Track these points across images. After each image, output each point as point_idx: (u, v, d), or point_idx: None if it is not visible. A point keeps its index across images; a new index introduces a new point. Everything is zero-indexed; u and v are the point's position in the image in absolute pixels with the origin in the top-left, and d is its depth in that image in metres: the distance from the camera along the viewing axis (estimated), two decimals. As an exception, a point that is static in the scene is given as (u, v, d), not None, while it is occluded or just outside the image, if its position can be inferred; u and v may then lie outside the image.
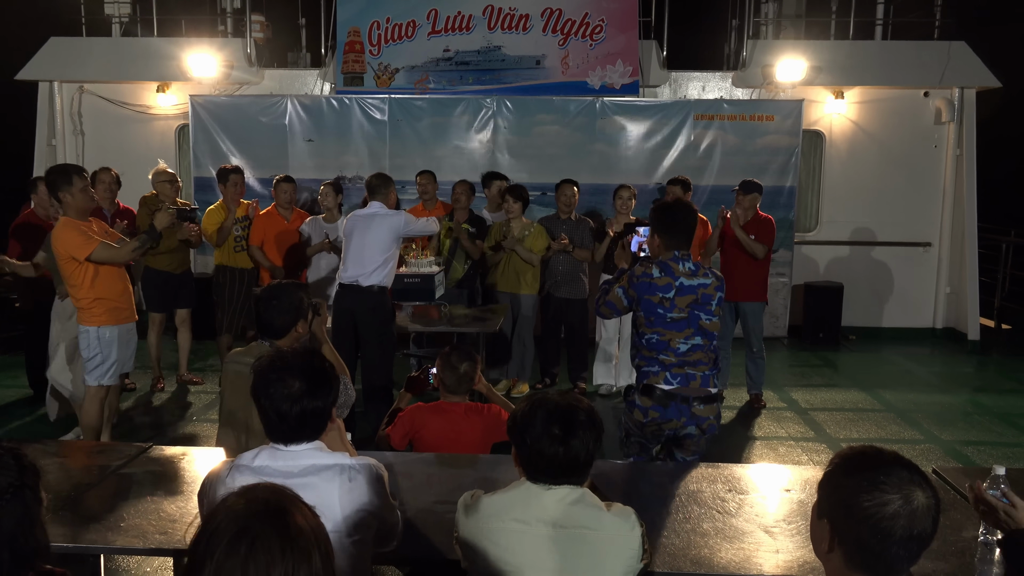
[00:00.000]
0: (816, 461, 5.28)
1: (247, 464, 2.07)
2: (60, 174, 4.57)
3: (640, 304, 3.43)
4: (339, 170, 8.56)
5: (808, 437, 5.78)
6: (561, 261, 6.56)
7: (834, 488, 1.50)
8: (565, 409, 2.05)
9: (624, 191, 6.51)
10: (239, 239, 6.54)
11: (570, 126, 8.50)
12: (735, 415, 6.24)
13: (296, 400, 2.03)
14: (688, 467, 3.15)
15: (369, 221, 5.22)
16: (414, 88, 8.73)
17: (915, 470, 1.48)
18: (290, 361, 2.09)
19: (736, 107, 8.58)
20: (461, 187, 6.73)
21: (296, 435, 2.07)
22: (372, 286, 5.16)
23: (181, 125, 9.03)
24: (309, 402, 2.05)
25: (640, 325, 3.45)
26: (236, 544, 1.27)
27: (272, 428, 2.09)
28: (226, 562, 1.27)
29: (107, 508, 2.68)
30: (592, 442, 2.04)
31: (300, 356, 2.12)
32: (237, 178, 6.58)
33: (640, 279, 3.43)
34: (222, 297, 6.56)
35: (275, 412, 2.05)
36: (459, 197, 6.68)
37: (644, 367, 3.45)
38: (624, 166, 8.47)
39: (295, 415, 2.04)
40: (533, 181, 7.93)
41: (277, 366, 2.08)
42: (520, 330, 6.52)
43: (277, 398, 2.04)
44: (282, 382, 2.04)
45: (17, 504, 1.70)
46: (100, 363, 4.71)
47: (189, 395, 6.61)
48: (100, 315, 4.67)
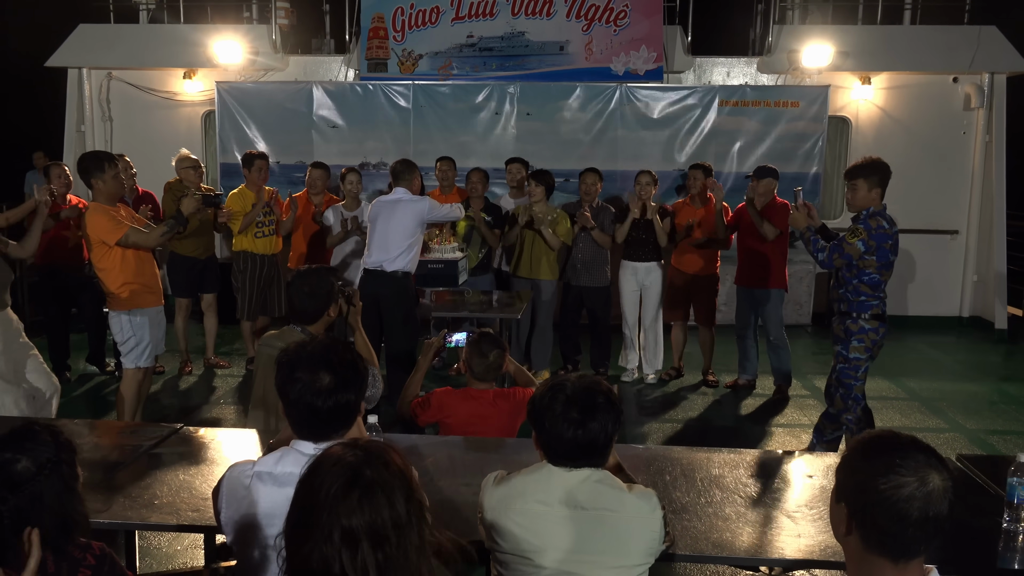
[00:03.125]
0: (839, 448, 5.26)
1: (269, 471, 2.00)
2: (93, 160, 4.65)
3: (877, 252, 4.21)
4: (363, 156, 8.60)
5: (831, 425, 5.76)
6: (582, 249, 6.56)
7: (851, 471, 1.52)
8: (584, 391, 2.05)
9: (643, 176, 6.49)
10: (260, 225, 6.58)
11: (593, 112, 8.47)
12: (759, 403, 6.24)
13: (329, 394, 1.96)
14: (710, 452, 3.17)
15: (394, 207, 5.25)
16: (438, 74, 8.74)
17: (932, 453, 1.50)
18: (319, 353, 2.01)
19: (761, 93, 8.51)
20: (476, 175, 6.68)
21: (325, 431, 2.00)
22: (396, 271, 5.20)
23: (207, 111, 9.11)
24: (342, 395, 1.98)
25: (867, 267, 4.25)
26: (350, 489, 1.40)
27: (301, 423, 2.01)
28: (340, 506, 1.39)
29: (141, 486, 2.74)
30: (611, 424, 2.05)
31: (328, 348, 2.04)
32: (262, 164, 6.62)
33: (877, 231, 4.21)
34: (243, 283, 6.59)
35: (306, 407, 1.97)
36: (475, 185, 6.64)
37: (868, 301, 4.30)
38: (647, 152, 8.44)
39: (327, 410, 1.97)
40: (556, 167, 7.88)
41: (305, 359, 2.00)
42: (539, 317, 6.51)
43: (308, 393, 1.96)
44: (313, 375, 1.97)
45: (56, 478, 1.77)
46: (135, 346, 4.80)
47: (216, 378, 6.70)
48: (130, 299, 4.74)
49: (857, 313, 4.31)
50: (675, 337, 6.80)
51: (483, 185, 6.66)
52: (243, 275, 6.59)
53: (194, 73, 9.07)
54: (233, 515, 2.03)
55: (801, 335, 8.39)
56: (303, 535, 1.41)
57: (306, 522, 1.41)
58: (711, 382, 6.63)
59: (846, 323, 4.35)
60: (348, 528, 1.38)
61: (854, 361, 4.35)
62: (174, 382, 6.60)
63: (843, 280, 4.35)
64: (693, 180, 6.53)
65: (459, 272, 5.91)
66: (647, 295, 6.60)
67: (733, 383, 6.56)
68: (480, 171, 6.75)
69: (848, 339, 4.33)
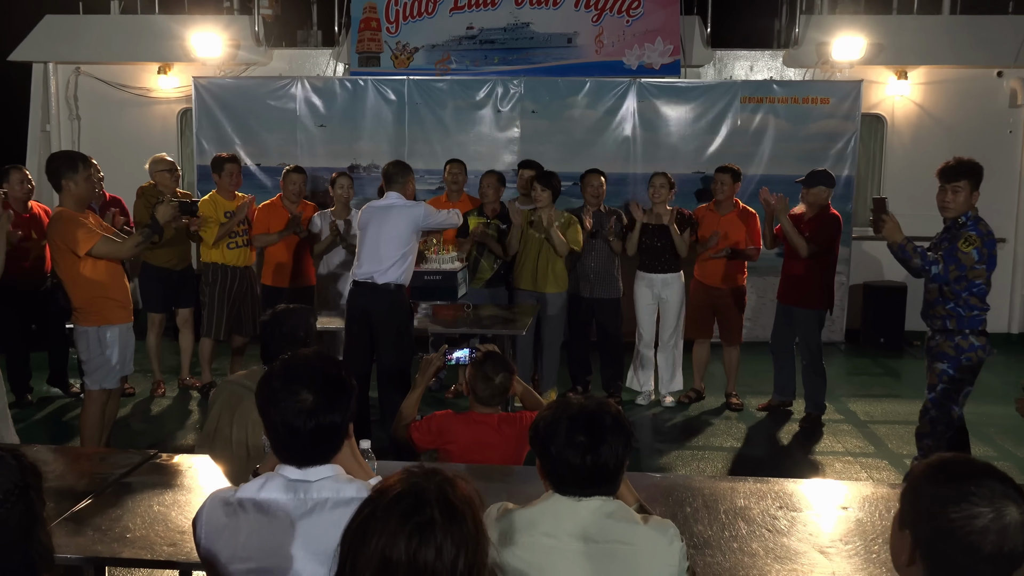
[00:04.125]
0: (876, 478, 5.26)
1: (252, 497, 2.00)
2: (65, 160, 4.67)
3: (988, 259, 4.33)
4: (353, 158, 8.62)
5: (867, 452, 5.76)
6: (593, 258, 6.57)
7: (919, 497, 1.52)
8: (590, 414, 2.06)
9: (658, 178, 6.50)
10: (233, 235, 6.57)
11: (604, 110, 8.49)
12: (789, 429, 6.24)
13: (310, 415, 1.96)
14: (735, 481, 3.16)
15: (386, 213, 5.25)
16: (435, 69, 8.77)
17: (1009, 483, 1.49)
18: (301, 369, 2.02)
19: (788, 89, 8.53)
20: (488, 179, 6.65)
21: (310, 455, 2.00)
22: (389, 284, 5.18)
23: (183, 109, 9.15)
24: (325, 416, 1.97)
25: (977, 277, 4.33)
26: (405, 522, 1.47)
27: (283, 447, 2.01)
28: (395, 540, 1.46)
29: (111, 518, 2.74)
30: (621, 448, 2.05)
31: (312, 362, 2.05)
32: (233, 167, 6.61)
33: (987, 236, 4.35)
34: (212, 297, 6.55)
35: (286, 428, 1.97)
36: (486, 191, 6.62)
37: (979, 315, 4.39)
38: (664, 153, 8.45)
39: (308, 432, 1.97)
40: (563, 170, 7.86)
41: (286, 376, 2.01)
42: (546, 332, 6.47)
43: (289, 412, 1.96)
44: (293, 394, 1.97)
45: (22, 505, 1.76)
46: (101, 365, 4.80)
47: (192, 401, 6.70)
48: (98, 314, 4.75)
49: (969, 329, 4.33)
50: (696, 356, 6.79)
51: (495, 191, 6.64)
52: (212, 288, 6.56)
53: (169, 68, 9.12)
54: (213, 546, 2.03)
55: (834, 353, 8.37)
56: (359, 543, 1.50)
57: (362, 529, 1.50)
58: (735, 405, 6.62)
59: (955, 340, 4.35)
60: (388, 557, 1.44)
61: (960, 383, 4.34)
62: (145, 405, 6.60)
63: (952, 294, 4.35)
64: (720, 185, 6.54)
65: (458, 284, 5.89)
66: (665, 309, 6.60)
67: (766, 404, 6.57)
68: (494, 174, 6.74)
69: (958, 357, 4.31)
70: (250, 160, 8.58)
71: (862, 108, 8.51)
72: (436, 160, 8.21)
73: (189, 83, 8.81)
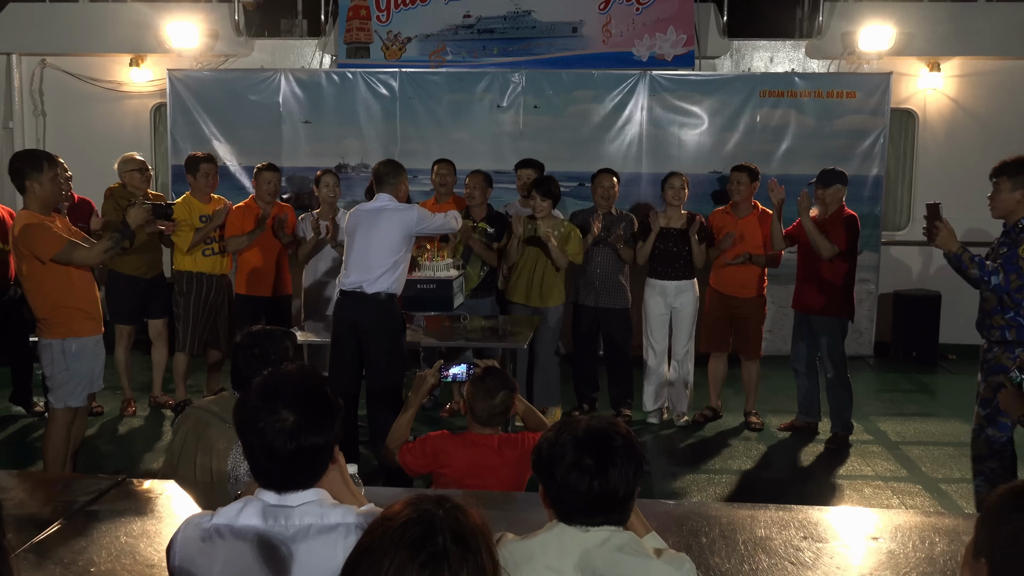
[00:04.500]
0: (909, 505, 5.24)
1: (228, 523, 2.00)
2: (29, 159, 4.67)
3: None
4: (341, 156, 8.63)
5: (899, 476, 5.74)
6: (599, 263, 6.57)
7: (998, 524, 1.54)
8: (598, 435, 2.05)
9: (675, 179, 6.52)
10: (209, 240, 6.57)
11: (613, 105, 8.49)
12: (814, 451, 6.22)
13: (291, 435, 1.96)
14: (755, 509, 3.14)
15: (376, 216, 5.23)
16: (429, 60, 8.77)
17: None
18: (282, 386, 2.02)
19: (811, 82, 8.53)
20: (473, 180, 6.64)
21: (291, 480, 2.00)
22: (379, 293, 5.16)
23: (157, 104, 9.16)
24: (306, 438, 1.97)
25: None
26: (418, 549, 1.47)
27: (261, 471, 2.01)
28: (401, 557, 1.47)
29: (75, 550, 2.72)
30: (632, 473, 2.04)
31: (294, 379, 2.05)
32: (209, 168, 6.60)
33: None
34: (186, 308, 6.55)
35: (264, 451, 1.97)
36: (472, 192, 6.61)
37: None
38: (677, 152, 8.47)
39: (288, 455, 1.96)
40: (568, 170, 7.96)
41: (267, 392, 2.01)
42: (540, 347, 6.41)
43: (268, 433, 1.96)
44: (273, 413, 1.96)
45: None
46: (66, 381, 4.79)
47: (164, 421, 6.68)
48: (63, 325, 4.74)
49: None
50: (712, 371, 6.77)
51: (482, 191, 6.64)
52: (186, 299, 6.55)
53: (142, 60, 9.13)
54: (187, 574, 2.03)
55: (862, 368, 8.36)
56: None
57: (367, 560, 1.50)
58: (754, 425, 6.60)
59: (1016, 352, 4.36)
60: None
61: None
62: (113, 425, 6.57)
63: (1013, 303, 4.38)
64: (736, 185, 6.54)
65: (454, 293, 5.89)
66: (678, 320, 6.59)
67: (789, 424, 6.55)
68: (480, 174, 6.73)
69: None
70: (229, 159, 8.60)
71: (891, 103, 8.51)
72: (430, 159, 8.11)
73: (163, 76, 8.81)
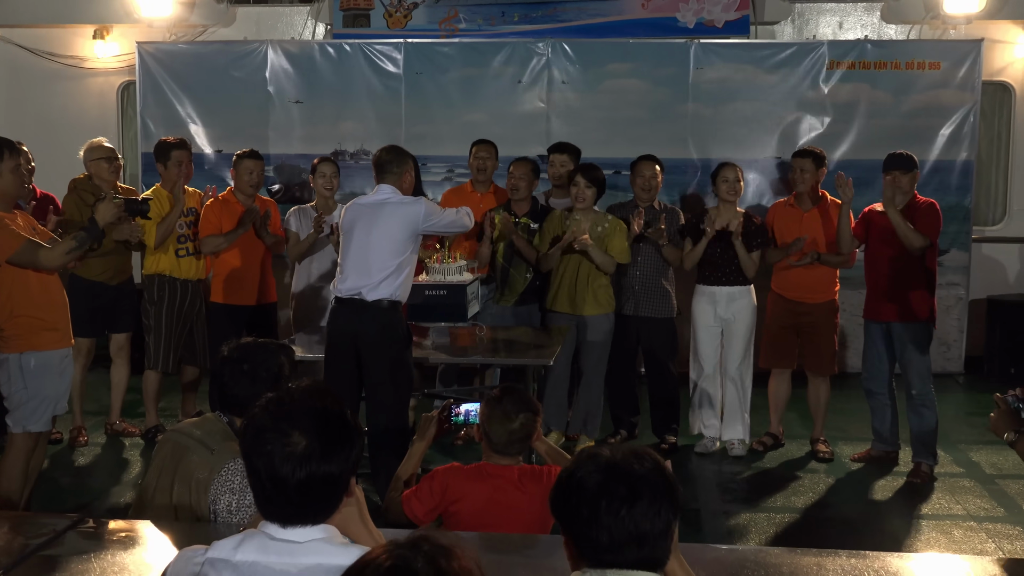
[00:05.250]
0: (1007, 549, 5.16)
1: (225, 558, 2.05)
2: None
3: None
4: (337, 142, 8.66)
5: (995, 516, 5.67)
6: (639, 265, 6.57)
7: None
8: (624, 465, 2.05)
9: (728, 171, 6.49)
10: (184, 239, 6.57)
11: (654, 79, 8.48)
12: (894, 485, 6.17)
13: (301, 462, 2.02)
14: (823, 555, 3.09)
15: (377, 212, 5.22)
16: (438, 29, 8.78)
17: None
18: (295, 406, 2.08)
19: (886, 51, 8.48)
20: (520, 168, 6.67)
21: (298, 513, 2.06)
22: (381, 301, 5.15)
23: (125, 83, 9.22)
24: (319, 465, 2.03)
25: None
26: None
27: (265, 501, 2.07)
28: None
29: (23, 602, 2.71)
30: (665, 506, 2.02)
31: (308, 398, 2.11)
32: (182, 155, 6.63)
33: None
34: (158, 318, 6.57)
35: (270, 478, 2.03)
36: (517, 183, 6.63)
37: None
38: (729, 134, 8.43)
39: (297, 484, 2.02)
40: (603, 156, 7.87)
41: (277, 412, 2.07)
42: (585, 363, 6.48)
43: (275, 458, 2.02)
44: (282, 435, 2.03)
45: None
46: (24, 401, 4.81)
47: (125, 450, 6.67)
48: (21, 337, 4.76)
49: None
50: (774, 391, 6.74)
51: (528, 182, 6.65)
52: (157, 308, 6.57)
53: (108, 32, 9.19)
54: None
55: (950, 387, 8.29)
56: None
57: None
58: (823, 455, 6.56)
59: None
60: None
61: None
62: (67, 456, 6.58)
63: None
64: (799, 172, 6.50)
65: (468, 301, 5.87)
66: (731, 332, 6.57)
67: (864, 454, 6.53)
68: (527, 163, 6.77)
69: None
70: (208, 145, 8.66)
71: (983, 75, 8.45)
72: (440, 144, 8.24)
73: (132, 50, 8.88)
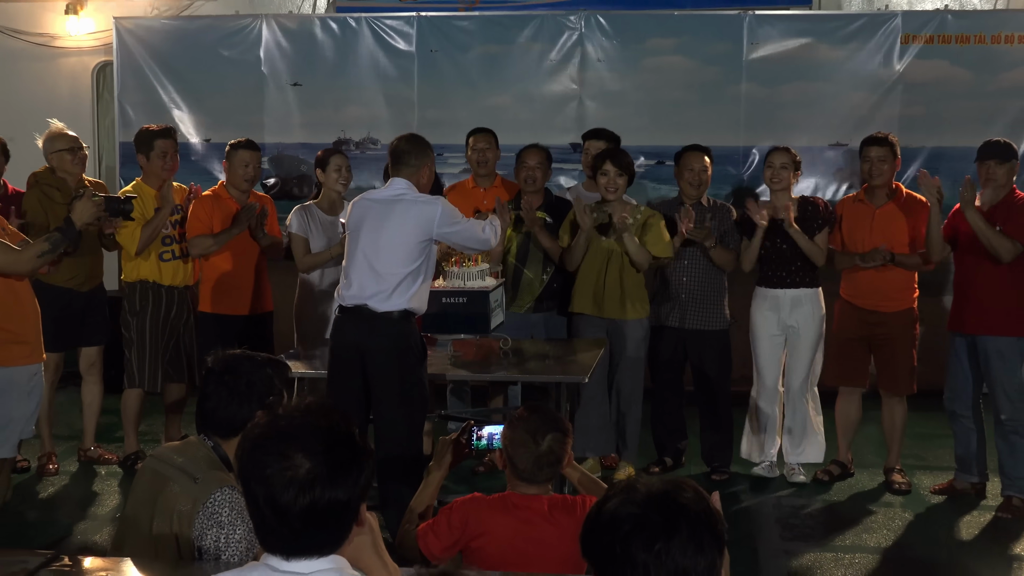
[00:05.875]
0: None
1: None
2: None
3: None
4: (341, 130, 8.68)
5: (1104, 559, 5.68)
6: (686, 269, 6.58)
7: None
8: (661, 495, 2.06)
9: (777, 156, 6.51)
10: (169, 241, 6.62)
11: (702, 57, 8.46)
12: (977, 520, 6.13)
13: (305, 488, 2.05)
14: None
15: (388, 209, 5.22)
16: (456, 1, 8.80)
17: None
18: (298, 425, 2.11)
19: (970, 22, 8.42)
20: (533, 156, 6.73)
21: (302, 544, 2.09)
22: (391, 312, 5.15)
23: (101, 63, 9.27)
24: (324, 491, 2.07)
25: None
26: None
27: (266, 532, 2.11)
28: None
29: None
30: (709, 542, 2.01)
31: (315, 417, 2.14)
32: (166, 145, 6.66)
33: None
34: (140, 330, 6.60)
35: (271, 506, 2.07)
36: (531, 172, 6.69)
37: None
38: (788, 119, 8.39)
39: (300, 511, 2.06)
40: (643, 143, 7.91)
41: (278, 432, 2.11)
42: (621, 377, 6.50)
43: (276, 483, 2.06)
44: (284, 458, 2.06)
45: None
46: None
47: (101, 480, 6.69)
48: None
49: None
50: (842, 412, 6.72)
51: (542, 172, 6.71)
52: (139, 319, 6.60)
53: (82, 6, 9.23)
54: None
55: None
56: None
57: None
58: (899, 486, 6.53)
59: None
60: None
61: None
62: (34, 486, 6.59)
63: None
64: (871, 163, 6.47)
65: (492, 310, 5.87)
66: (796, 342, 6.57)
67: (946, 486, 6.50)
68: (538, 150, 6.80)
69: None
70: (195, 134, 8.68)
71: (1084, 50, 8.40)
72: (459, 131, 8.16)
73: (109, 27, 8.90)
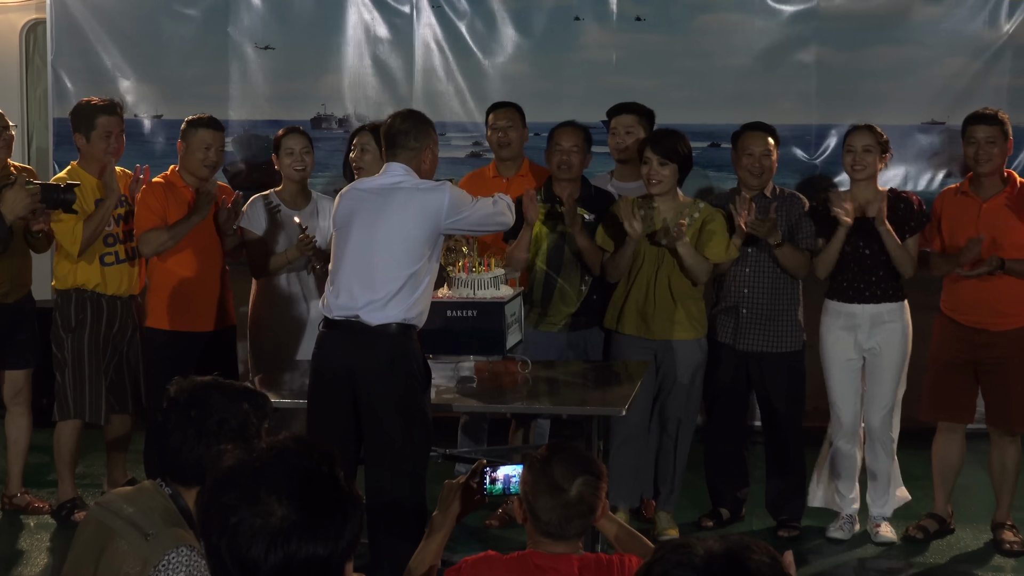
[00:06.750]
0: None
1: None
2: None
3: None
4: (320, 105, 8.73)
5: None
6: (748, 277, 6.65)
7: None
8: (726, 560, 2.03)
9: (857, 137, 6.53)
10: (112, 240, 6.71)
11: (765, 14, 8.48)
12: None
13: (276, 540, 2.07)
14: None
15: (384, 200, 5.28)
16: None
17: None
18: (267, 463, 2.14)
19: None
20: (569, 137, 6.76)
21: None
22: (388, 325, 5.20)
23: (32, 22, 9.33)
24: (300, 545, 2.08)
25: None
26: None
27: None
28: None
29: None
30: None
31: (291, 455, 2.17)
32: (111, 123, 6.77)
33: None
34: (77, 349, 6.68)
35: (236, 562, 2.09)
36: (568, 158, 6.70)
37: None
38: (872, 90, 8.40)
39: (271, 569, 2.08)
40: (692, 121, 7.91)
41: (245, 472, 2.13)
42: (669, 409, 6.58)
43: (242, 534, 2.07)
44: (253, 503, 2.08)
45: None
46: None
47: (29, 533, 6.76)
48: None
49: None
50: (940, 455, 6.71)
51: (579, 156, 6.75)
52: (77, 335, 6.68)
53: (8, -44, 9.32)
54: None
55: None
56: None
57: None
58: (1011, 546, 6.51)
59: None
60: None
61: None
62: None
63: None
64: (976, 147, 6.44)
65: (507, 325, 5.91)
66: (877, 368, 6.59)
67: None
68: (574, 129, 6.85)
69: None
70: (144, 109, 8.72)
71: None
72: (467, 108, 8.22)
73: (41, -19, 9.00)
